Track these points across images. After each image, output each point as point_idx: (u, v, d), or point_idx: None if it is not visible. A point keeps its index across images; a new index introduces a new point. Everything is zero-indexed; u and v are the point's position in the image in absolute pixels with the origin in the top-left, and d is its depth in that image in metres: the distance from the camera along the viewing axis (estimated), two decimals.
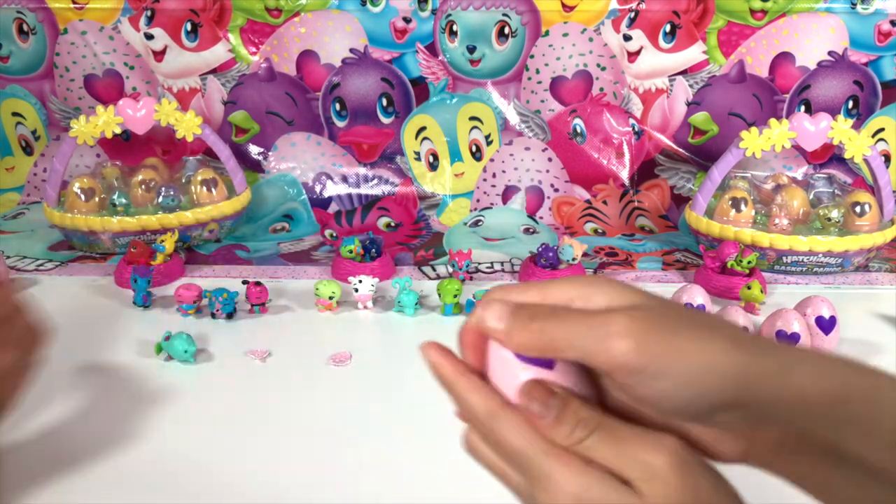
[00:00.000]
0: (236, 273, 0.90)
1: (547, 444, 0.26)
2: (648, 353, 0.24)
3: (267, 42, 1.09)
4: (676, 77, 1.08)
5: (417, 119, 1.11)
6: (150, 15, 1.08)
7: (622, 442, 0.26)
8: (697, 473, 0.26)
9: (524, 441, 0.26)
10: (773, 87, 1.07)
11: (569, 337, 0.25)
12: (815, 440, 0.26)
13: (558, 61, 1.08)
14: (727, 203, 0.92)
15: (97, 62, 1.11)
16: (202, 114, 1.10)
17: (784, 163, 1.10)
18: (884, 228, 0.90)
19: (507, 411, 0.27)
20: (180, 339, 0.67)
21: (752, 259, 0.82)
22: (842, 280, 0.89)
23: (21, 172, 1.18)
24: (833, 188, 0.95)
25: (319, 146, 1.13)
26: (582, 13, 1.05)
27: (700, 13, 1.05)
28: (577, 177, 1.12)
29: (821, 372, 0.26)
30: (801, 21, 1.04)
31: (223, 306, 0.75)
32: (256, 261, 0.94)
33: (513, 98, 1.10)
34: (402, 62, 1.09)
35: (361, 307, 0.79)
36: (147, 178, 0.96)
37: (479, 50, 1.08)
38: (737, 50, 1.06)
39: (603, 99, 1.10)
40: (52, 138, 1.17)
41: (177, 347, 0.67)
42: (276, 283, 0.84)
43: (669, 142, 1.11)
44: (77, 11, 1.08)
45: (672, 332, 0.25)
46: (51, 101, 1.14)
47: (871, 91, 1.07)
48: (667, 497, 0.25)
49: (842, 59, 1.05)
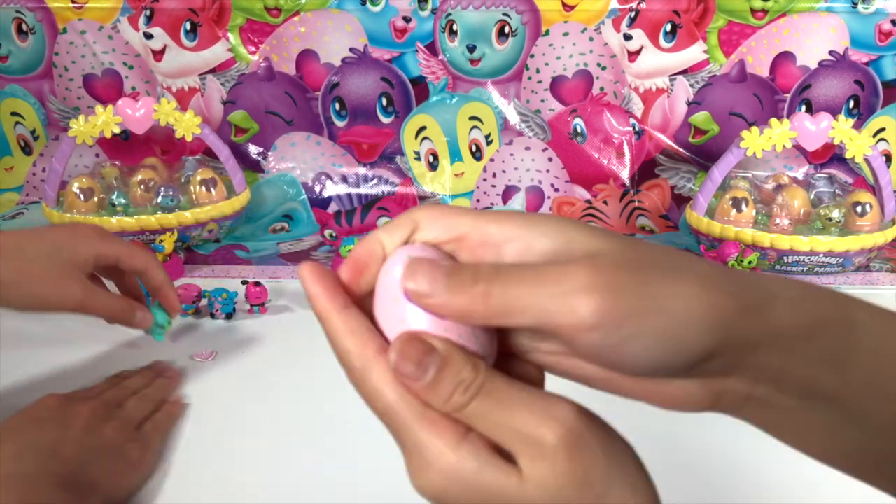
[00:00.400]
0: (236, 273, 0.89)
1: (422, 407, 0.23)
2: (619, 311, 0.21)
3: (266, 41, 1.09)
4: (677, 77, 1.08)
5: (417, 119, 1.11)
6: (150, 14, 1.07)
7: (508, 411, 0.22)
8: (592, 452, 0.22)
9: (398, 401, 0.23)
10: (773, 86, 1.07)
11: (521, 300, 0.21)
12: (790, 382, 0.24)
13: (559, 61, 1.08)
14: (728, 203, 0.92)
15: (96, 62, 1.10)
16: (201, 113, 1.09)
17: (785, 162, 1.09)
18: (885, 228, 0.90)
19: (383, 362, 0.23)
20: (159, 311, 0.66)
21: (753, 259, 0.82)
22: (843, 280, 0.88)
23: (20, 172, 1.18)
24: (834, 188, 0.95)
25: (319, 146, 1.13)
26: (582, 12, 1.05)
27: (700, 13, 1.05)
28: (577, 177, 1.11)
29: (796, 305, 0.23)
30: (802, 21, 1.04)
31: (222, 306, 0.75)
32: (256, 261, 0.94)
33: (513, 98, 1.10)
34: (401, 62, 1.09)
35: None
36: (146, 178, 0.96)
37: (479, 49, 1.07)
38: (737, 49, 1.06)
39: (603, 98, 1.09)
40: (51, 138, 1.16)
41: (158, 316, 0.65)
42: (275, 284, 0.84)
43: (670, 141, 1.11)
44: (76, 11, 1.08)
45: (641, 281, 0.21)
46: (50, 101, 1.14)
47: (872, 91, 1.07)
48: (550, 480, 0.22)
49: (843, 58, 1.05)
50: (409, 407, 0.23)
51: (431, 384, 0.22)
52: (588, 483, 0.22)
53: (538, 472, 0.22)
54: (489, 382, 0.23)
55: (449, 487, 0.22)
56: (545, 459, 0.22)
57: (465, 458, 0.22)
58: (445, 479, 0.22)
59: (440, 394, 0.22)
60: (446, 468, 0.22)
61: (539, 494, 0.22)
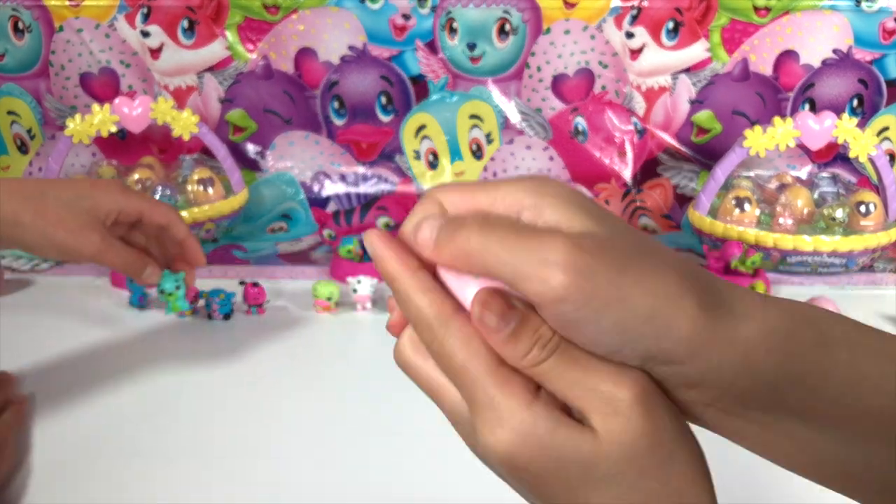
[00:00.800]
0: (233, 273, 0.89)
1: (496, 365, 0.23)
2: (587, 293, 0.21)
3: (264, 39, 1.08)
4: (679, 75, 1.07)
5: (417, 117, 1.10)
6: (147, 12, 1.06)
7: (583, 369, 0.23)
8: (663, 414, 0.23)
9: (472, 358, 0.23)
10: (776, 85, 1.06)
11: (498, 255, 0.22)
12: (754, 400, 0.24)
13: (560, 59, 1.07)
14: (731, 202, 0.91)
15: (93, 60, 1.10)
16: (199, 112, 1.09)
17: (788, 162, 1.09)
18: (889, 228, 0.89)
19: (459, 319, 0.23)
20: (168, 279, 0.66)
21: (756, 259, 0.81)
22: (846, 280, 0.88)
23: (16, 172, 1.17)
24: (837, 187, 0.94)
25: (318, 145, 1.12)
26: (584, 10, 1.05)
27: (703, 10, 1.04)
28: (578, 176, 1.11)
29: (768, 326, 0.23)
30: (805, 19, 1.03)
31: (220, 307, 0.74)
32: (254, 261, 0.93)
33: (513, 96, 1.09)
34: (401, 60, 1.08)
35: (360, 308, 0.78)
36: (143, 178, 0.95)
37: (480, 47, 1.07)
38: (740, 48, 1.05)
39: (605, 97, 1.09)
40: (48, 137, 1.15)
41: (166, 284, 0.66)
42: (273, 284, 0.83)
43: (672, 140, 1.10)
44: (73, 9, 1.07)
45: (619, 269, 0.22)
46: (46, 100, 1.13)
47: (876, 89, 1.06)
48: (626, 435, 0.22)
49: (846, 57, 1.04)
50: (483, 364, 0.23)
51: (512, 337, 0.23)
52: (659, 442, 0.22)
53: (613, 428, 0.22)
54: (563, 341, 0.23)
55: (521, 446, 0.22)
56: (620, 416, 0.22)
57: (538, 416, 0.22)
58: (518, 436, 0.22)
59: (519, 347, 0.23)
60: (519, 426, 0.22)
61: (613, 450, 0.22)
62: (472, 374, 0.23)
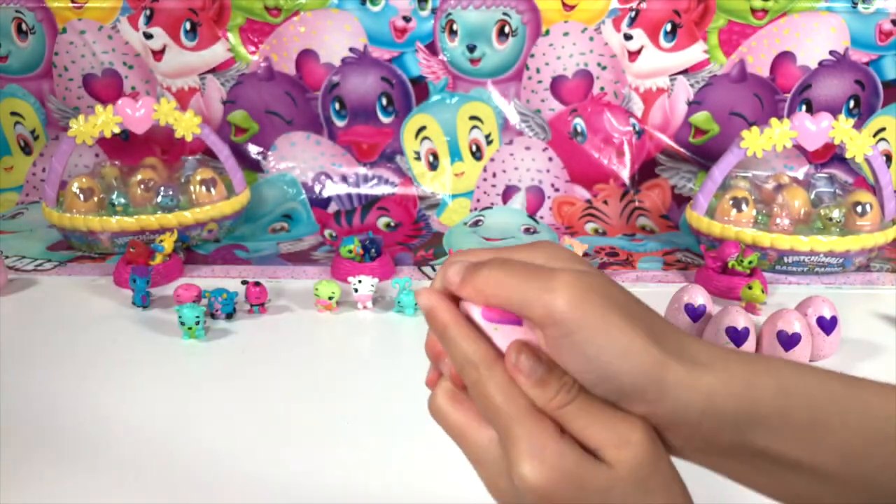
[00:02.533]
0: (236, 273, 0.89)
1: (530, 406, 0.26)
2: (584, 316, 0.25)
3: (266, 41, 1.09)
4: (677, 76, 1.08)
5: (417, 118, 1.11)
6: (149, 14, 1.07)
7: (602, 412, 0.26)
8: (662, 452, 0.27)
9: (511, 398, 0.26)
10: (774, 86, 1.07)
11: (512, 285, 0.26)
12: (722, 440, 0.27)
13: (559, 60, 1.08)
14: (728, 203, 0.92)
15: (96, 61, 1.10)
16: (201, 113, 1.09)
17: (785, 162, 1.09)
18: (885, 228, 0.90)
19: (501, 365, 0.27)
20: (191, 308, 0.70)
21: (754, 259, 0.82)
22: (843, 280, 0.88)
23: (20, 172, 1.17)
24: (834, 188, 0.94)
25: (319, 146, 1.13)
26: (582, 12, 1.05)
27: (701, 12, 1.05)
28: (577, 176, 1.11)
29: (729, 374, 0.26)
30: (802, 20, 1.04)
31: (222, 307, 0.75)
32: (256, 261, 0.94)
33: (513, 97, 1.10)
34: (401, 61, 1.09)
35: (361, 307, 0.79)
36: (146, 178, 0.96)
37: (480, 49, 1.07)
38: (738, 49, 1.06)
39: (604, 98, 1.09)
40: (51, 138, 1.16)
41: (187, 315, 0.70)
42: (275, 284, 0.84)
43: (670, 141, 1.11)
44: (76, 11, 1.08)
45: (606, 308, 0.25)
46: (49, 101, 1.14)
47: (873, 91, 1.06)
48: (637, 462, 0.26)
49: (843, 58, 1.05)
50: (520, 404, 0.26)
51: (542, 381, 0.26)
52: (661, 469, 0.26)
53: (625, 458, 0.26)
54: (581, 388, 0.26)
55: (552, 476, 0.25)
56: (631, 450, 0.26)
57: (567, 450, 0.26)
58: (549, 468, 0.25)
59: (548, 390, 0.26)
60: (551, 457, 0.25)
61: (626, 475, 0.26)
62: (512, 412, 0.26)
